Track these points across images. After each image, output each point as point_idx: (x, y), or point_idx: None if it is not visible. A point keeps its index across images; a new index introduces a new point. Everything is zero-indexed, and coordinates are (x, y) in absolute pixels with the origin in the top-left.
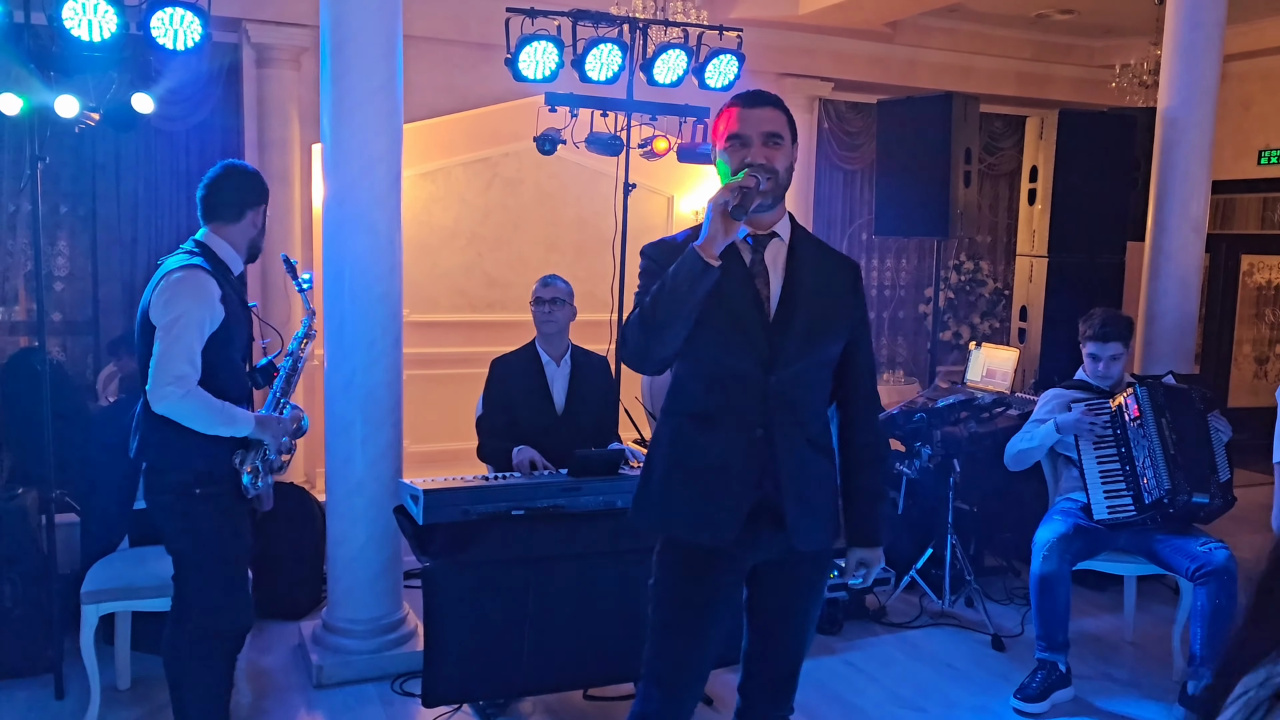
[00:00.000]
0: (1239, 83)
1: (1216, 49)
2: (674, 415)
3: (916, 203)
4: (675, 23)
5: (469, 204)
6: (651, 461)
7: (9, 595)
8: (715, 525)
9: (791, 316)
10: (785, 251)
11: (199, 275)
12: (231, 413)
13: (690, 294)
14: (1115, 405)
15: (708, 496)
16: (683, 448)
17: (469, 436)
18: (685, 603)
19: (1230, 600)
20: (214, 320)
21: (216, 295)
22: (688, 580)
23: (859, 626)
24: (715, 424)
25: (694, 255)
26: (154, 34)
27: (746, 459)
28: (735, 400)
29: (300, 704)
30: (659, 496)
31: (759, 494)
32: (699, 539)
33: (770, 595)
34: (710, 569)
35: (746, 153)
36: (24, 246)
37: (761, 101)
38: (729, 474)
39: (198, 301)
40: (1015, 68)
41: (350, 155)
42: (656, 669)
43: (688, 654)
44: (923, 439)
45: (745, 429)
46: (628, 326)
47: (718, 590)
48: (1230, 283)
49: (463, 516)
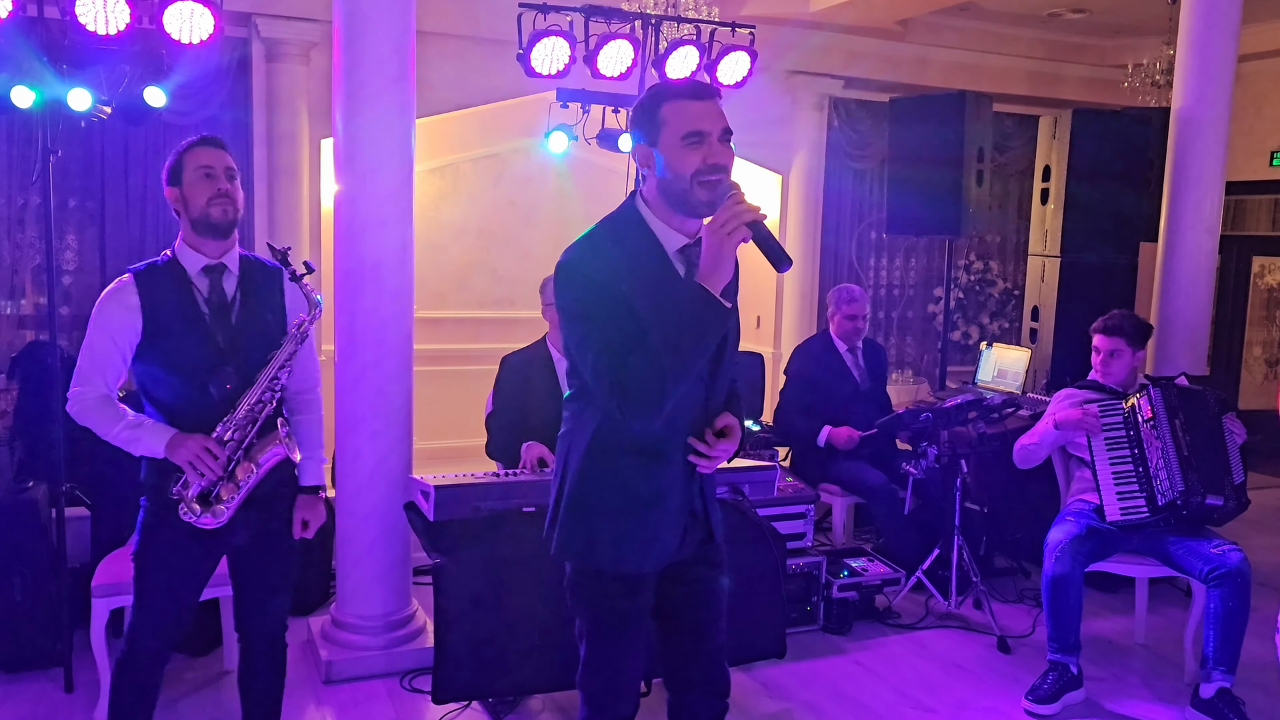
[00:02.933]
0: (1250, 83)
1: (1232, 48)
2: (612, 453)
3: (928, 202)
4: (687, 19)
5: (478, 200)
6: (583, 500)
7: (19, 589)
8: (656, 555)
9: (726, 334)
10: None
11: (116, 284)
12: (136, 432)
13: (709, 337)
14: (1128, 406)
15: (654, 528)
16: (626, 484)
17: (477, 433)
18: (619, 625)
19: (1243, 603)
20: (129, 329)
21: (129, 305)
22: (619, 604)
23: (868, 627)
24: (661, 457)
25: (709, 300)
26: (166, 27)
27: (684, 485)
28: (678, 431)
29: (309, 700)
30: (596, 532)
31: (690, 511)
32: (643, 569)
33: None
34: (639, 588)
35: (707, 151)
36: (33, 240)
37: (710, 94)
38: (668, 503)
39: (100, 312)
40: (1027, 67)
41: (363, 150)
42: (592, 690)
43: (620, 672)
44: (929, 439)
45: (681, 456)
46: (636, 383)
47: (644, 607)
48: (1241, 285)
49: (473, 513)
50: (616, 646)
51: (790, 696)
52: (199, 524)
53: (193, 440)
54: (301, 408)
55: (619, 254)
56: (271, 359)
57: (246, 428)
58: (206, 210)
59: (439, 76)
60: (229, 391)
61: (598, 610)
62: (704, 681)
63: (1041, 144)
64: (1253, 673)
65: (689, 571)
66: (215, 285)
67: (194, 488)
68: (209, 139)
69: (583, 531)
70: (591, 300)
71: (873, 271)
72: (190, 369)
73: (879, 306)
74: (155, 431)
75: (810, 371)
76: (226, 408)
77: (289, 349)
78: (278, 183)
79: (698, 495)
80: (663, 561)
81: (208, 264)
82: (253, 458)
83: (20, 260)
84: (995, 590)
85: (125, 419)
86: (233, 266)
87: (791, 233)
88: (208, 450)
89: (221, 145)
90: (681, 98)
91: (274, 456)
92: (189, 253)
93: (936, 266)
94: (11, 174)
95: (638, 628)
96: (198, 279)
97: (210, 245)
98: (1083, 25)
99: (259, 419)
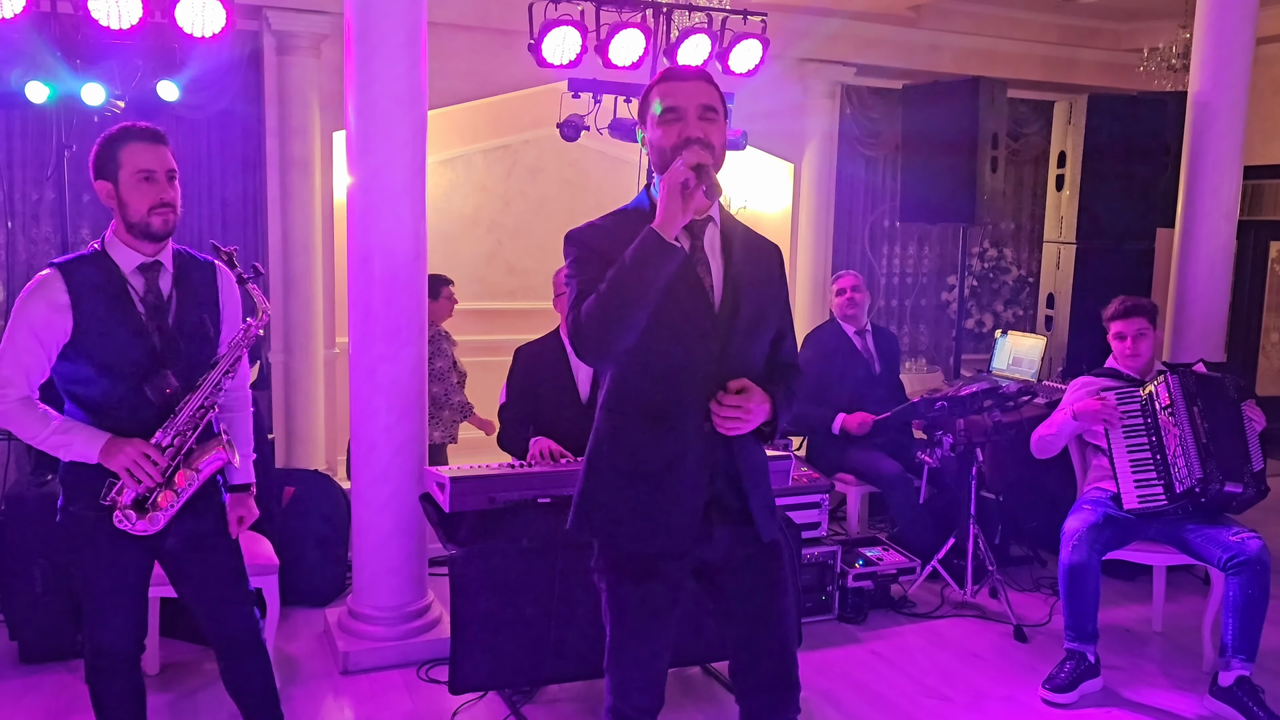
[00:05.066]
0: (1269, 66)
1: (1249, 31)
2: (616, 414)
3: (942, 189)
4: (698, 6)
5: (489, 191)
6: (594, 465)
7: (40, 581)
8: (669, 531)
9: (737, 304)
10: (719, 236)
11: (39, 279)
12: (67, 437)
13: (654, 278)
14: (1146, 393)
15: (660, 501)
16: (629, 449)
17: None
18: (638, 607)
19: (1262, 591)
20: (56, 329)
21: (58, 303)
22: (638, 585)
23: (883, 616)
24: (664, 421)
25: (654, 236)
26: (178, 22)
27: (699, 456)
28: (686, 394)
29: (327, 691)
30: (605, 503)
31: (711, 491)
32: (652, 548)
33: (742, 598)
34: (659, 571)
35: (683, 126)
36: (48, 234)
37: (694, 75)
38: (681, 474)
39: (23, 308)
40: (1041, 52)
41: (375, 142)
42: (615, 674)
43: (645, 657)
44: (944, 427)
45: (696, 424)
46: (582, 319)
47: (668, 591)
48: (1259, 270)
49: (489, 504)
50: (633, 632)
51: (806, 686)
52: (134, 530)
53: (130, 446)
54: (233, 405)
55: (618, 230)
56: (217, 364)
57: (187, 433)
58: (147, 219)
59: (450, 68)
60: (168, 395)
61: (612, 590)
62: (766, 692)
63: (1056, 130)
64: (1272, 660)
65: (733, 576)
66: (151, 284)
67: (129, 494)
68: (147, 131)
69: (593, 503)
70: (577, 259)
71: (885, 259)
72: (126, 371)
73: (892, 294)
74: (88, 436)
75: (821, 358)
76: (165, 411)
77: (236, 354)
78: (290, 175)
79: (723, 477)
80: (679, 543)
81: (143, 262)
82: (192, 464)
83: (35, 254)
84: (1011, 579)
85: (53, 423)
86: (168, 264)
87: (803, 221)
88: (146, 456)
89: (162, 139)
90: (663, 80)
91: (215, 461)
92: (122, 249)
93: (950, 254)
94: (26, 169)
95: (656, 615)
96: (132, 277)
97: (147, 245)
98: (1097, 9)
99: (200, 424)
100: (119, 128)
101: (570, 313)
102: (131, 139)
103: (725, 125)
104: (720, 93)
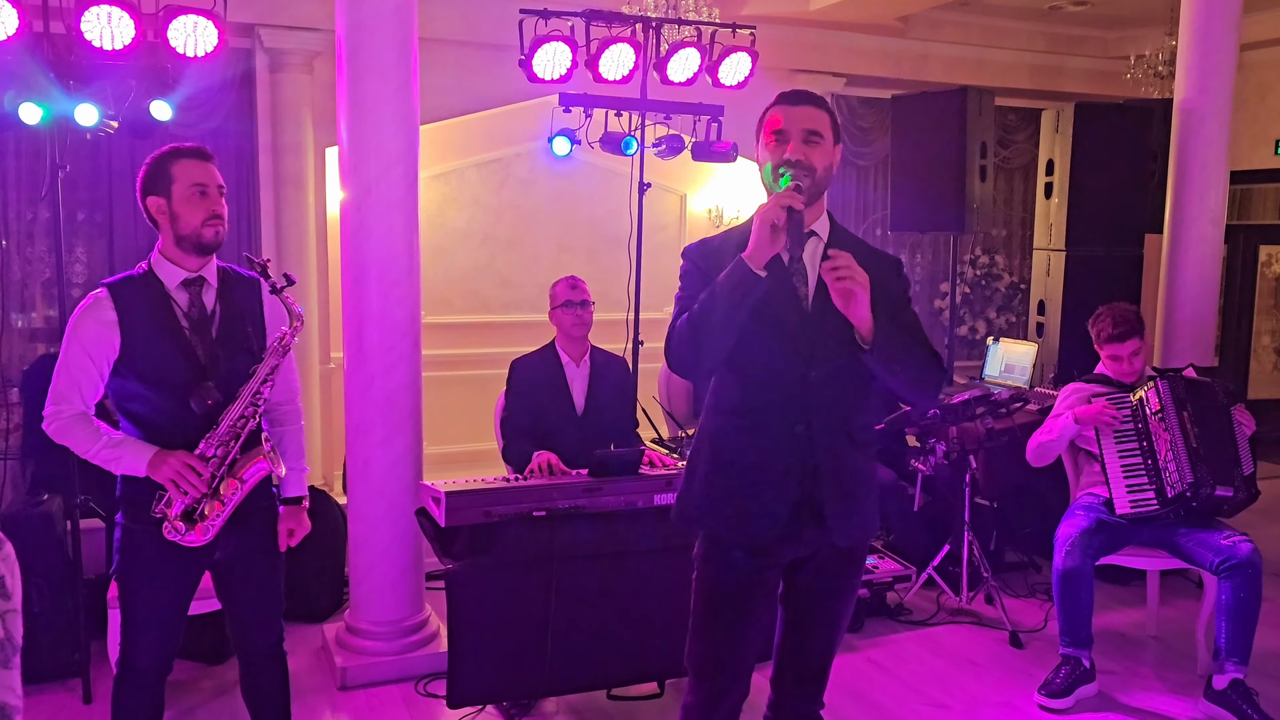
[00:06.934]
0: (1254, 72)
1: (1233, 38)
2: (715, 414)
3: (932, 198)
4: (688, 21)
5: (482, 205)
6: (694, 461)
7: (36, 601)
8: (757, 523)
9: (830, 311)
10: (822, 249)
11: (91, 299)
12: (117, 450)
13: (740, 305)
14: (1136, 399)
15: (750, 495)
16: (724, 446)
17: (485, 438)
18: (726, 599)
19: (1255, 594)
20: (107, 345)
21: (106, 320)
22: (729, 577)
23: (879, 624)
24: (756, 421)
25: (742, 266)
26: (170, 41)
27: (788, 456)
28: (776, 397)
29: (325, 706)
30: (701, 496)
31: (800, 491)
32: (741, 537)
33: (805, 591)
34: (750, 565)
35: (786, 149)
36: (42, 254)
37: (803, 100)
38: (770, 471)
39: (76, 328)
40: (1028, 60)
41: (368, 158)
42: (698, 663)
43: (728, 648)
44: (937, 435)
45: (786, 425)
46: (676, 333)
47: (757, 586)
48: (1249, 274)
49: (484, 518)
50: (712, 617)
51: None
52: (184, 542)
53: (175, 457)
54: (283, 419)
55: (724, 247)
56: (254, 373)
57: (229, 443)
58: (200, 231)
59: (441, 83)
60: (211, 407)
61: (699, 574)
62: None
63: (1044, 138)
64: (1266, 663)
65: (807, 570)
66: (195, 299)
67: (177, 505)
68: (199, 151)
69: (692, 497)
70: (684, 274)
71: None
72: (171, 384)
73: None
74: (136, 450)
75: None
76: (208, 423)
77: (272, 363)
78: (283, 192)
79: (810, 476)
80: (763, 536)
81: (186, 277)
82: (236, 473)
83: (30, 274)
84: (1006, 585)
85: (104, 437)
86: (211, 279)
87: None
88: (190, 467)
89: (210, 157)
90: (775, 104)
91: (258, 471)
92: (167, 266)
93: (942, 262)
94: (20, 189)
95: (737, 604)
96: (176, 293)
97: (192, 260)
98: (1084, 17)
99: (242, 434)
100: (169, 148)
101: (670, 326)
102: (183, 156)
103: (834, 147)
104: (831, 116)
